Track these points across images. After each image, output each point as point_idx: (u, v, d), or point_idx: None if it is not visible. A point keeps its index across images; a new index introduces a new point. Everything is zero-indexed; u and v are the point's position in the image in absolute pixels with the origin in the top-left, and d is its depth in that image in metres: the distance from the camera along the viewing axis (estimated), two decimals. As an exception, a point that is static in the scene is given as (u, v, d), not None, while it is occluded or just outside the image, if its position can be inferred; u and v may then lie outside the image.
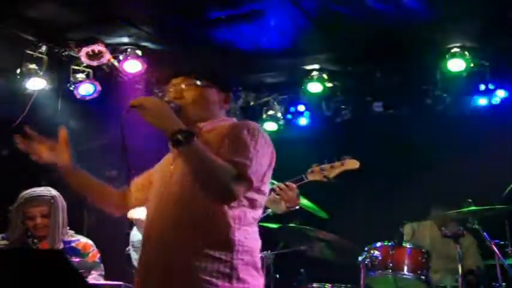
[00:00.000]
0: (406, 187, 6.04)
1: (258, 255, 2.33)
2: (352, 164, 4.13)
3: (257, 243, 2.34)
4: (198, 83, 2.45)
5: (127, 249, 4.05)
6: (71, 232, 3.75)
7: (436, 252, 4.86)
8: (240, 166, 2.18)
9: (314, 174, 4.13)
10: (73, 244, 3.68)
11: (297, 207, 4.06)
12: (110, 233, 5.59)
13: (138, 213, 3.93)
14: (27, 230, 3.61)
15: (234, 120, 2.55)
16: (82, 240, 3.73)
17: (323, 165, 4.15)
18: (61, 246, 3.62)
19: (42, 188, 3.74)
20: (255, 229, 2.36)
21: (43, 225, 3.59)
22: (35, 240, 3.63)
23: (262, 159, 2.30)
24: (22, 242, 3.62)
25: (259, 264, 2.32)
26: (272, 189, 3.97)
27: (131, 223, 4.37)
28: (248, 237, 2.28)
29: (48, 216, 3.60)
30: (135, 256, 3.95)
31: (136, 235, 4.02)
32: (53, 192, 3.71)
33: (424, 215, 5.70)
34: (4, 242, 3.67)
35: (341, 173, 4.13)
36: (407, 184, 6.06)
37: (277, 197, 3.96)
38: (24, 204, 3.61)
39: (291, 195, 3.96)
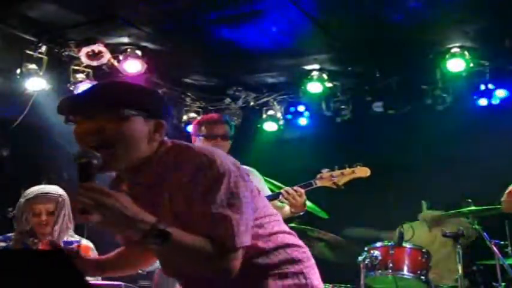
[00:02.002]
0: (406, 187, 6.04)
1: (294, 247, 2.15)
2: (364, 171, 4.07)
3: (287, 238, 2.14)
4: (120, 113, 1.84)
5: None
6: (71, 232, 3.75)
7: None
8: (225, 241, 1.82)
9: (323, 180, 4.08)
10: (73, 245, 3.68)
11: (302, 213, 4.02)
12: (111, 236, 5.59)
13: None
14: (29, 228, 3.62)
15: (171, 145, 1.98)
16: (83, 242, 3.73)
17: (333, 172, 4.10)
18: (61, 246, 3.62)
19: (51, 186, 3.75)
20: (281, 230, 2.16)
21: (46, 223, 3.60)
22: (35, 240, 3.63)
23: (243, 207, 1.87)
24: (22, 242, 3.62)
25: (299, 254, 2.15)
26: (279, 193, 3.94)
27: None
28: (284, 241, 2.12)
29: (53, 214, 3.61)
30: None
31: None
32: (61, 191, 3.71)
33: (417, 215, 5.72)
34: (2, 244, 3.67)
35: (351, 180, 4.08)
36: (407, 184, 6.06)
37: (285, 201, 3.91)
38: (33, 199, 3.62)
39: (299, 200, 3.89)
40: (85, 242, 3.74)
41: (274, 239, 2.08)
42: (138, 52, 5.39)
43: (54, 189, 3.71)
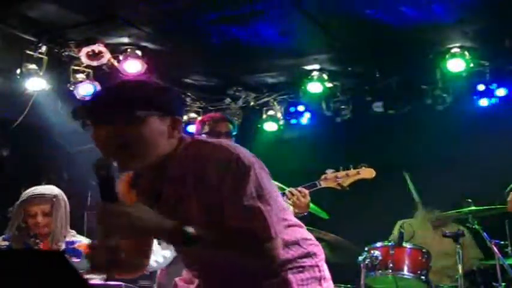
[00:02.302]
0: (406, 187, 6.03)
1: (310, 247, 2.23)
2: (369, 173, 4.06)
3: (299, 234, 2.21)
4: (133, 117, 1.84)
5: None
6: (73, 232, 3.75)
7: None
8: (260, 233, 1.86)
9: (328, 181, 4.07)
10: (75, 245, 3.68)
11: (305, 214, 4.01)
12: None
13: None
14: (28, 229, 3.61)
15: (191, 142, 2.02)
16: (84, 242, 3.72)
17: (338, 173, 4.08)
18: (63, 246, 3.62)
19: (45, 187, 3.74)
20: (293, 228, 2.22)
21: (44, 224, 3.59)
22: (37, 240, 3.63)
23: (270, 198, 1.91)
24: (23, 241, 3.61)
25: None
26: (283, 194, 3.92)
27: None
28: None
29: (50, 214, 3.60)
30: None
31: None
32: (56, 191, 3.70)
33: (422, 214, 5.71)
34: (5, 243, 3.66)
35: (356, 181, 4.06)
36: (407, 184, 6.06)
37: (288, 201, 3.89)
38: (26, 201, 3.61)
39: (303, 201, 3.89)
40: (87, 241, 3.74)
41: (291, 232, 2.13)
42: (138, 52, 5.39)
43: (49, 190, 3.69)
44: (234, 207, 1.86)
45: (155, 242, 3.87)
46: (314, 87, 5.88)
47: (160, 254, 3.84)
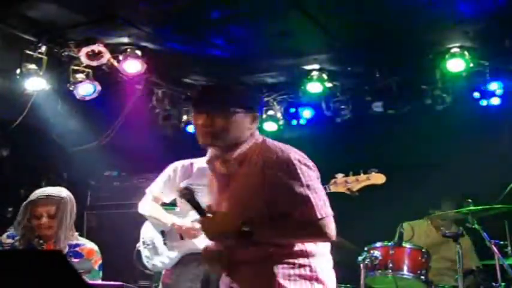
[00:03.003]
0: (406, 187, 6.04)
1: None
2: (379, 178, 4.04)
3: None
4: (228, 112, 2.47)
5: (137, 245, 4.02)
6: (76, 234, 3.75)
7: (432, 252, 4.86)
8: (308, 216, 2.36)
9: (337, 186, 4.05)
10: (78, 248, 3.67)
11: None
12: (110, 236, 5.59)
13: (150, 209, 3.90)
14: (33, 229, 3.61)
15: (259, 139, 2.56)
16: (87, 246, 3.70)
17: (348, 177, 4.06)
18: (66, 248, 3.62)
19: (54, 188, 3.71)
20: None
21: (48, 225, 3.58)
22: (41, 241, 3.62)
23: (316, 187, 2.42)
24: (28, 242, 3.61)
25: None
26: None
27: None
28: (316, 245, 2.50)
29: (55, 216, 3.59)
30: (146, 254, 3.91)
31: (148, 232, 3.98)
32: (64, 193, 3.68)
33: (422, 214, 5.71)
34: (10, 240, 3.66)
35: (366, 187, 4.04)
36: (407, 184, 6.06)
37: None
38: (33, 202, 3.60)
39: None
40: (90, 246, 3.73)
41: None
42: (138, 52, 5.39)
43: (57, 191, 3.68)
44: (287, 197, 2.36)
45: (161, 242, 3.88)
46: (314, 87, 5.89)
47: (165, 255, 3.83)
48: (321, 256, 2.49)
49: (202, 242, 3.74)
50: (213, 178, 2.67)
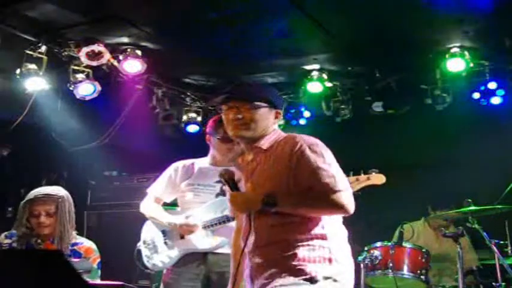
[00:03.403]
0: (406, 187, 6.03)
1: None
2: (379, 179, 4.03)
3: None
4: (256, 106, 2.75)
5: (138, 245, 4.02)
6: (74, 233, 3.75)
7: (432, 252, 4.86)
8: (326, 186, 2.59)
9: None
10: (76, 247, 3.68)
11: None
12: (110, 236, 5.59)
13: (149, 209, 3.90)
14: (32, 229, 3.61)
15: (283, 134, 2.85)
16: (85, 244, 3.71)
17: (348, 178, 4.05)
18: (68, 247, 3.62)
19: (52, 187, 3.73)
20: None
21: (47, 224, 3.59)
22: (39, 240, 3.62)
23: (338, 168, 2.70)
24: (26, 241, 3.61)
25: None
26: None
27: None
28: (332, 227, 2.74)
29: (54, 215, 3.59)
30: (146, 253, 3.91)
31: (149, 231, 3.97)
32: (62, 192, 3.69)
33: (422, 215, 5.71)
34: (8, 240, 3.66)
35: (366, 187, 4.04)
36: (407, 184, 6.06)
37: None
38: (31, 201, 3.61)
39: None
40: (88, 244, 3.73)
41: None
42: (138, 52, 5.39)
43: (55, 190, 3.69)
44: (313, 174, 2.60)
45: (161, 242, 3.88)
46: (314, 87, 5.89)
47: (165, 254, 3.83)
48: (338, 239, 2.75)
49: (202, 241, 3.75)
50: (240, 174, 2.85)
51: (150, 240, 3.92)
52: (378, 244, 4.59)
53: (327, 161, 2.67)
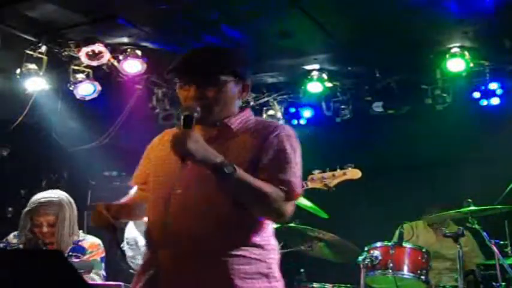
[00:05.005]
0: (406, 187, 6.04)
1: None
2: (355, 173, 4.11)
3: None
4: (219, 80, 2.26)
5: (121, 245, 4.01)
6: (79, 232, 3.76)
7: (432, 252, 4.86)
8: (288, 185, 2.21)
9: (315, 182, 4.12)
10: (79, 243, 3.70)
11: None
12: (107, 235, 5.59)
13: None
14: (37, 236, 3.61)
15: (251, 115, 2.40)
16: (89, 240, 3.73)
17: (324, 173, 4.13)
18: (68, 250, 3.63)
19: (51, 194, 3.69)
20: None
21: (50, 234, 3.60)
22: (45, 248, 3.62)
23: (300, 170, 2.32)
24: (35, 244, 3.61)
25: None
26: None
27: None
28: (271, 236, 2.32)
29: (55, 225, 3.59)
30: (129, 254, 3.91)
31: (131, 232, 3.97)
32: (63, 197, 3.68)
33: (422, 214, 5.71)
34: (16, 240, 3.67)
35: (342, 182, 4.11)
36: (407, 184, 6.06)
37: None
38: (32, 211, 3.60)
39: None
40: (92, 239, 3.74)
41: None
42: (138, 52, 5.39)
43: (56, 198, 3.65)
44: (277, 160, 2.23)
45: (143, 241, 3.87)
46: (314, 87, 5.89)
47: None
48: (275, 254, 2.30)
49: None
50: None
51: (133, 241, 3.92)
52: (378, 244, 4.59)
53: (298, 159, 2.31)
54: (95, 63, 5.30)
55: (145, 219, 3.01)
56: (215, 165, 2.08)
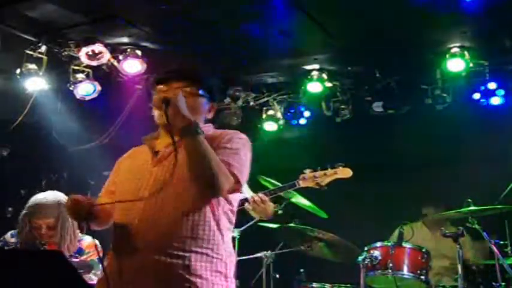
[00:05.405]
0: (406, 187, 6.04)
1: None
2: (345, 172, 4.16)
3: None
4: (200, 92, 2.54)
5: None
6: (77, 232, 3.75)
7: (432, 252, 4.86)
8: (233, 168, 2.38)
9: (306, 181, 4.16)
10: (77, 243, 3.69)
11: (270, 218, 4.19)
12: (110, 235, 5.59)
13: None
14: (36, 238, 3.61)
15: (213, 128, 2.63)
16: (87, 240, 3.73)
17: (316, 172, 4.17)
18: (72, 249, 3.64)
19: (50, 196, 3.66)
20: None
21: (49, 236, 3.59)
22: (43, 242, 3.62)
23: (247, 169, 2.49)
24: (31, 244, 3.61)
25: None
26: (246, 200, 4.03)
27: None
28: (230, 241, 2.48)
29: (54, 228, 3.58)
30: None
31: None
32: (61, 198, 3.67)
33: (421, 214, 5.71)
34: (13, 240, 3.67)
35: (334, 180, 4.15)
36: (407, 184, 6.06)
37: (249, 207, 4.02)
38: (31, 214, 3.59)
39: (263, 207, 4.03)
40: (90, 240, 3.74)
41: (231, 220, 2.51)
42: (138, 52, 5.39)
43: (54, 200, 3.64)
44: (227, 150, 2.42)
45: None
46: (314, 87, 5.88)
47: None
48: (233, 257, 2.49)
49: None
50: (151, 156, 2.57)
51: None
52: (378, 244, 4.60)
53: (245, 151, 2.49)
54: (94, 63, 5.30)
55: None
56: (193, 123, 2.30)
